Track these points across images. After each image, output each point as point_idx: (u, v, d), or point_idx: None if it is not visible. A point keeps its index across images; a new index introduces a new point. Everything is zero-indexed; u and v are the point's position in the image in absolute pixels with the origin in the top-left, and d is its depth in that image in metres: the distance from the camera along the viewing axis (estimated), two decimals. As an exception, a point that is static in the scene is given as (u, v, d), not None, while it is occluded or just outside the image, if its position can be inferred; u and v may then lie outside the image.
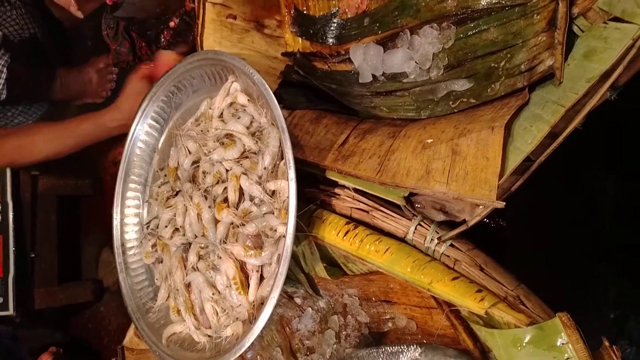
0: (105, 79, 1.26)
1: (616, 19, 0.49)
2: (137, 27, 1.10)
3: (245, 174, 0.68)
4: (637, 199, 0.70)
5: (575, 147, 0.49)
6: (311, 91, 0.79)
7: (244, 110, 0.73)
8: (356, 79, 0.77)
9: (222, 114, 0.76)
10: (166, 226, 0.79)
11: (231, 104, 0.75)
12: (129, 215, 0.89)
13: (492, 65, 0.63)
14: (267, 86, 0.66)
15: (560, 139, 0.48)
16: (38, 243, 1.27)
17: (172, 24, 1.07)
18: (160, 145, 0.88)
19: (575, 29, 0.56)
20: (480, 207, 0.51)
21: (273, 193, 0.65)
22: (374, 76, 0.76)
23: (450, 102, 0.67)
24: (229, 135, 0.72)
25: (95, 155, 1.37)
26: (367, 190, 0.61)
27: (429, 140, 0.57)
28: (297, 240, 0.69)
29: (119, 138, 1.24)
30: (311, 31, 0.84)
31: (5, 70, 1.02)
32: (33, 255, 1.24)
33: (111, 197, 0.90)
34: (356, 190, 0.63)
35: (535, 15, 0.60)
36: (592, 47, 0.50)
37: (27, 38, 1.17)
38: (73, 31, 1.40)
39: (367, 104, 0.76)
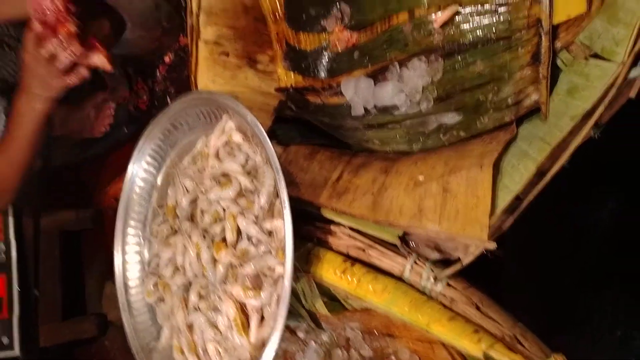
0: (103, 114, 1.27)
1: (597, 56, 0.50)
2: (133, 63, 1.12)
3: (242, 213, 0.69)
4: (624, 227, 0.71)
5: (562, 182, 0.50)
6: (305, 126, 0.80)
7: (239, 148, 0.74)
8: (348, 112, 0.79)
9: (217, 152, 0.77)
10: (167, 265, 0.80)
11: (226, 142, 0.76)
12: (129, 253, 0.90)
13: (480, 98, 0.64)
14: (260, 126, 0.67)
15: (548, 177, 0.49)
16: (42, 279, 1.28)
17: (167, 59, 1.09)
18: (158, 182, 0.89)
19: (559, 62, 0.57)
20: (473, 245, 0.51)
21: (270, 232, 0.66)
22: (365, 109, 0.77)
23: (441, 135, 0.68)
24: (225, 174, 0.73)
25: (95, 190, 1.38)
26: (362, 229, 0.61)
27: (421, 178, 0.58)
28: (296, 277, 0.70)
29: (118, 173, 1.25)
30: (303, 65, 0.85)
31: (2, 115, 1.03)
32: (37, 293, 1.24)
33: (112, 230, 0.91)
34: (352, 228, 0.63)
35: (519, 49, 0.61)
36: (575, 83, 0.51)
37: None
38: (70, 67, 1.42)
39: (360, 137, 0.77)
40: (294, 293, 0.73)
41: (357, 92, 0.79)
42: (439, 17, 0.68)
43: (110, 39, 1.00)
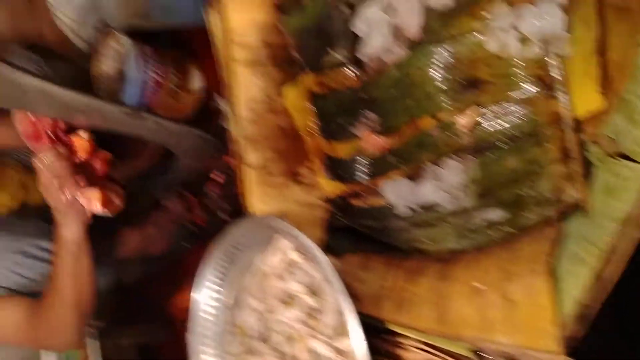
0: (164, 233, 1.37)
1: (624, 156, 0.52)
2: (187, 186, 1.22)
3: (311, 333, 0.73)
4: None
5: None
6: (355, 234, 0.84)
7: (298, 266, 0.79)
8: (392, 212, 0.82)
9: (278, 271, 0.82)
10: (245, 386, 0.83)
11: (285, 261, 0.81)
12: (205, 375, 0.94)
13: (519, 193, 0.67)
14: (314, 246, 0.72)
15: (609, 287, 0.50)
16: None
17: (217, 178, 1.18)
18: (224, 301, 0.95)
19: (590, 156, 0.59)
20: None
21: (341, 351, 0.69)
22: (408, 208, 0.81)
23: (489, 231, 0.70)
24: (289, 294, 0.78)
25: (162, 304, 1.46)
26: (430, 342, 0.63)
27: (479, 285, 0.60)
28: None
29: (182, 286, 1.33)
30: (342, 173, 0.90)
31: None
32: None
33: (184, 343, 0.96)
34: (422, 341, 0.65)
35: (547, 145, 0.64)
36: (610, 182, 0.53)
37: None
38: (130, 191, 1.55)
39: (408, 237, 0.80)
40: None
41: (397, 193, 0.83)
42: (462, 120, 0.72)
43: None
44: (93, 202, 0.71)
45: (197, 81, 1.31)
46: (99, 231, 1.36)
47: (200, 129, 0.97)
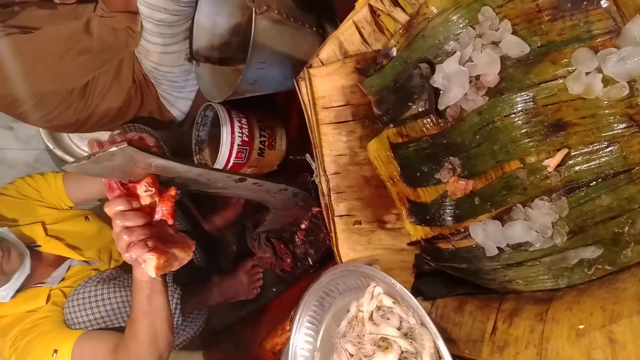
0: (254, 279, 1.45)
1: None
2: (275, 234, 1.30)
3: (409, 377, 0.74)
4: None
5: None
6: (446, 277, 0.86)
7: (392, 311, 0.82)
8: (483, 253, 0.83)
9: (371, 316, 0.85)
10: None
11: (378, 307, 0.84)
12: (304, 417, 0.97)
13: (616, 230, 0.66)
14: (406, 292, 0.75)
15: None
16: None
17: (303, 226, 1.25)
18: (318, 344, 0.98)
19: (690, 191, 0.58)
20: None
21: (441, 394, 0.69)
22: (499, 248, 0.82)
23: (586, 270, 0.70)
24: (384, 339, 0.80)
25: (252, 346, 1.51)
26: (534, 385, 0.63)
27: (581, 327, 0.60)
28: None
29: (271, 329, 1.38)
30: (428, 217, 0.93)
31: (179, 303, 1.23)
32: None
33: None
34: (522, 382, 0.65)
35: (643, 182, 0.63)
36: None
37: (189, 265, 1.43)
38: (220, 240, 1.66)
39: (501, 279, 0.80)
40: None
41: (487, 234, 0.84)
42: (551, 162, 0.74)
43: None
44: (149, 267, 0.76)
45: (281, 140, 1.42)
46: (192, 278, 1.47)
47: (292, 184, 1.05)
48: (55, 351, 1.13)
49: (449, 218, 0.91)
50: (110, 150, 0.69)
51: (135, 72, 1.44)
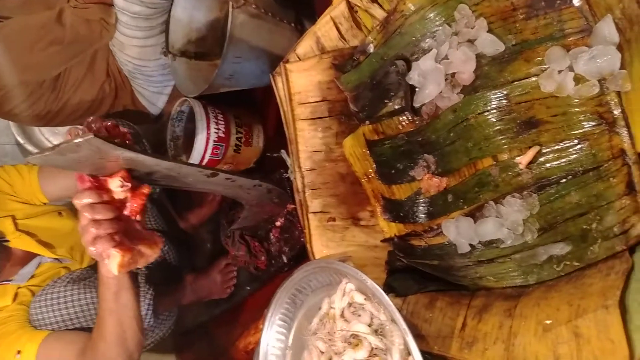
0: (227, 278, 1.43)
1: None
2: (249, 231, 1.28)
3: (379, 374, 0.73)
4: None
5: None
6: (418, 273, 0.85)
7: (363, 308, 0.81)
8: (455, 250, 0.83)
9: (343, 313, 0.84)
10: None
11: (350, 303, 0.83)
12: (274, 416, 0.95)
13: (585, 227, 0.67)
14: (378, 288, 0.74)
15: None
16: None
17: (278, 223, 1.23)
18: (290, 342, 0.97)
19: (656, 188, 0.59)
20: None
21: (410, 391, 0.69)
22: (471, 245, 0.82)
23: (555, 266, 0.70)
24: (355, 335, 0.79)
25: (226, 345, 1.49)
26: (502, 380, 0.63)
27: (548, 322, 0.60)
28: None
29: (245, 327, 1.37)
30: (401, 214, 0.93)
31: (152, 303, 1.20)
32: None
33: None
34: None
35: (611, 179, 0.64)
36: (680, 213, 0.53)
37: (162, 264, 1.40)
38: (195, 238, 1.64)
39: (472, 276, 0.80)
40: None
41: (459, 231, 0.84)
42: (522, 159, 0.74)
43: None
44: (112, 264, 0.73)
45: (259, 137, 1.40)
46: (164, 277, 1.44)
47: (266, 180, 1.04)
48: (19, 352, 1.08)
49: (423, 215, 0.91)
50: (76, 141, 0.66)
51: (110, 65, 1.41)
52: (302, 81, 0.97)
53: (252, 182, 0.97)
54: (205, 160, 1.30)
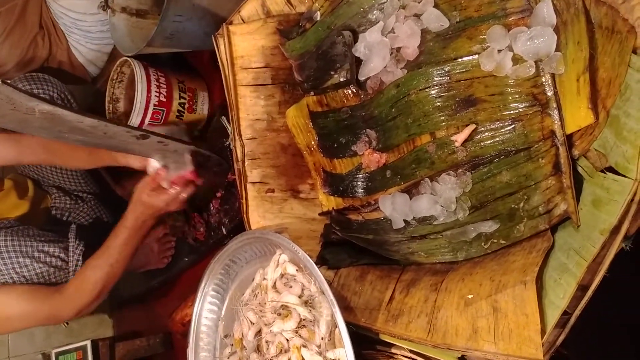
0: (165, 247, 1.38)
1: (613, 170, 0.54)
2: (189, 201, 1.24)
3: (305, 344, 0.73)
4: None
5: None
6: (352, 248, 0.85)
7: (295, 279, 0.80)
8: (390, 226, 0.84)
9: (275, 284, 0.83)
10: (240, 399, 0.83)
11: (282, 274, 0.82)
12: (203, 386, 0.94)
13: (513, 206, 0.68)
14: (310, 260, 0.73)
15: (590, 292, 0.51)
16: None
17: (218, 194, 1.20)
18: (223, 313, 0.95)
19: (580, 170, 0.60)
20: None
21: (334, 362, 0.69)
22: (405, 221, 0.82)
23: (482, 244, 0.71)
24: (285, 306, 0.78)
25: (162, 317, 1.46)
26: (422, 352, 0.64)
27: (470, 296, 0.61)
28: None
29: (182, 299, 1.33)
30: (341, 188, 0.92)
31: (80, 259, 1.15)
32: None
33: (182, 354, 0.96)
34: (412, 350, 0.66)
35: (540, 160, 0.65)
36: (598, 195, 0.55)
37: (97, 222, 1.34)
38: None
39: (405, 251, 0.81)
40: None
41: (395, 207, 0.84)
42: (458, 137, 0.74)
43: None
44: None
45: (203, 103, 1.34)
46: (98, 235, 1.37)
47: (205, 147, 1.00)
48: None
49: (361, 190, 0.90)
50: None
51: (43, 16, 1.31)
52: (245, 45, 0.93)
53: (187, 147, 0.93)
54: (145, 125, 1.23)
